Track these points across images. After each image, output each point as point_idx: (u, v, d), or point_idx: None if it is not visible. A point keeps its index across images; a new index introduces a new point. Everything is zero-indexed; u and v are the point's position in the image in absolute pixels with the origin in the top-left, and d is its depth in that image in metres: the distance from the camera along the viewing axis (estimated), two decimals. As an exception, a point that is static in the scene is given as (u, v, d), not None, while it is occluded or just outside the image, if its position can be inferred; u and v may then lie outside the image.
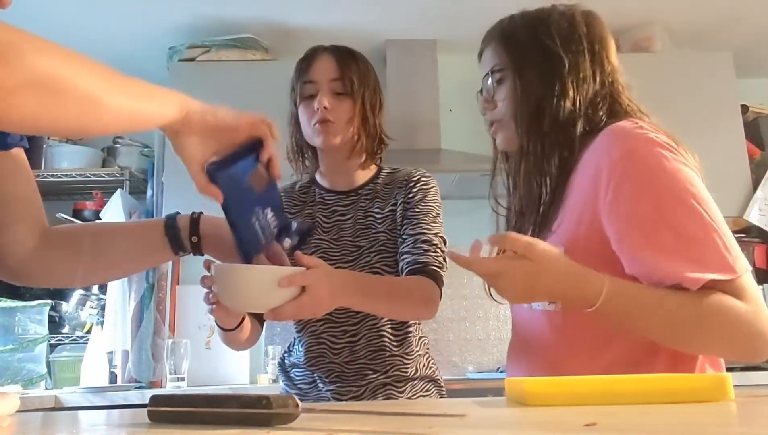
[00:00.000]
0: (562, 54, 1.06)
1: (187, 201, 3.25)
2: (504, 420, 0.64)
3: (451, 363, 3.06)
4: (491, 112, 1.15)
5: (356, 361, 1.32)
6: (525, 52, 1.09)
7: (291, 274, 0.98)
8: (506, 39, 1.12)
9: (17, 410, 0.72)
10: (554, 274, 0.88)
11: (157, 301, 2.92)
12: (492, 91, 1.14)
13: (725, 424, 0.56)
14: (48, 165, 3.03)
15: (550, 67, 1.06)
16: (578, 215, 1.01)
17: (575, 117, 1.05)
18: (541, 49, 1.07)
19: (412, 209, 1.36)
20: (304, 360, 1.36)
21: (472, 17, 3.25)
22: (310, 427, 0.56)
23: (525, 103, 1.08)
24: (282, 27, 3.03)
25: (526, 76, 1.08)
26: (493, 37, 1.15)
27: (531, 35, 1.09)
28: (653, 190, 0.93)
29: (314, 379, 1.36)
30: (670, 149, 0.97)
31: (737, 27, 3.12)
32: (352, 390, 1.32)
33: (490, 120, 1.16)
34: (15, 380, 2.62)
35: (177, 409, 0.62)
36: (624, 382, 0.73)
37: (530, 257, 0.87)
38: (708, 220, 0.90)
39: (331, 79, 1.34)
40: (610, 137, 1.00)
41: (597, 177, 0.98)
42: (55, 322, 2.93)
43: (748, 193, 2.95)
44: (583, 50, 1.07)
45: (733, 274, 0.87)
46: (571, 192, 1.04)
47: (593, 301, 0.87)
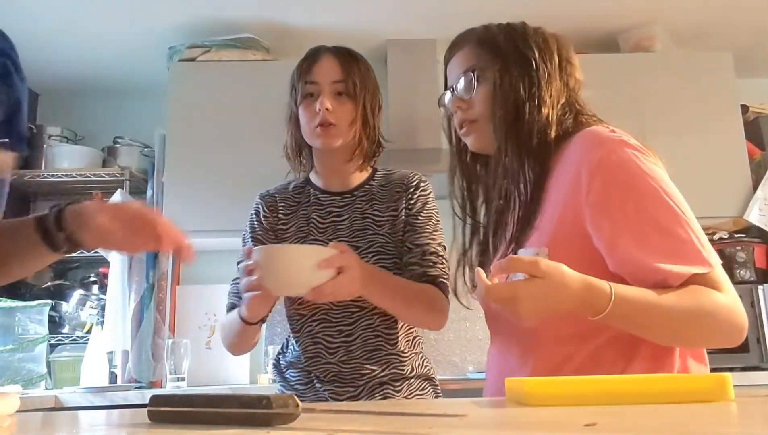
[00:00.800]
0: (540, 64, 1.10)
1: (188, 201, 3.24)
2: (504, 420, 0.64)
3: (452, 363, 3.06)
4: (464, 111, 1.16)
5: (352, 360, 1.32)
6: (506, 55, 1.12)
7: (329, 255, 1.08)
8: (486, 42, 1.15)
9: (17, 410, 0.72)
10: (566, 288, 0.88)
11: (157, 301, 2.92)
12: (468, 90, 1.15)
13: (725, 424, 0.56)
14: (48, 165, 3.03)
15: (528, 74, 1.10)
16: (558, 216, 1.03)
17: (549, 122, 1.08)
18: (521, 56, 1.11)
19: (415, 217, 1.38)
20: (300, 360, 1.37)
21: (473, 17, 3.23)
22: (310, 427, 0.56)
23: (504, 104, 1.10)
24: (282, 27, 3.03)
25: (506, 77, 1.11)
26: (467, 40, 1.18)
27: (511, 42, 1.13)
28: (635, 191, 0.97)
29: (311, 379, 1.35)
30: (642, 151, 1.01)
31: (737, 27, 3.12)
32: (349, 390, 1.32)
33: (462, 119, 1.17)
34: (15, 380, 2.62)
35: (177, 409, 0.62)
36: (624, 383, 0.73)
37: (539, 275, 0.87)
38: (683, 217, 0.95)
39: (333, 81, 1.34)
40: (587, 140, 1.04)
41: (576, 178, 1.01)
42: (55, 322, 2.93)
43: (748, 193, 2.95)
44: (556, 65, 1.12)
45: (710, 268, 0.93)
46: (550, 193, 1.06)
47: (603, 308, 0.88)
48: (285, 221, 1.42)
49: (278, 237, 1.41)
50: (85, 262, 3.12)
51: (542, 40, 1.14)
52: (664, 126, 2.90)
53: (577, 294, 0.88)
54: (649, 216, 0.95)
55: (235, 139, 2.90)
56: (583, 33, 3.10)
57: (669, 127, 2.93)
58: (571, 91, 1.13)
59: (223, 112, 2.92)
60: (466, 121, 1.16)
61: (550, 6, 2.87)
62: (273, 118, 3.02)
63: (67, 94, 3.35)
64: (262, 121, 2.92)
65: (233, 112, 2.93)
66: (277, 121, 3.36)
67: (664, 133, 2.75)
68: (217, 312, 2.99)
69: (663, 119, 2.94)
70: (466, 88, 1.15)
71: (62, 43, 2.97)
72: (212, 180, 2.84)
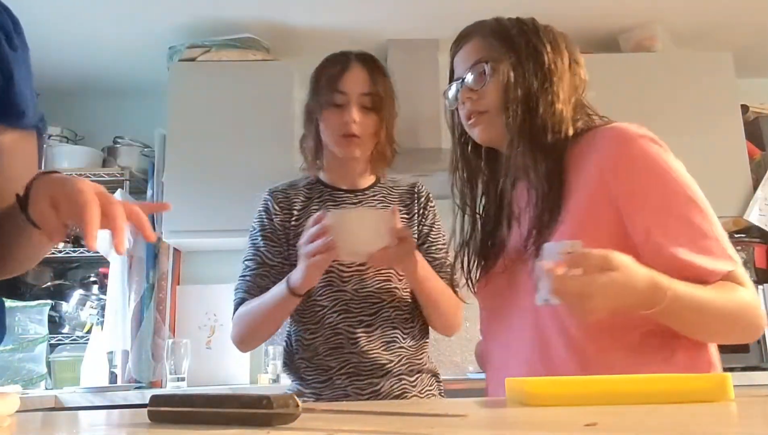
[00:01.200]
0: (552, 60, 1.10)
1: (188, 201, 3.24)
2: (505, 420, 0.64)
3: (452, 363, 3.06)
4: (474, 102, 1.14)
5: (372, 351, 1.36)
6: (519, 48, 1.11)
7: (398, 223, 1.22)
8: (498, 34, 1.14)
9: (17, 410, 0.72)
10: (635, 282, 0.86)
11: (157, 301, 2.92)
12: (479, 81, 1.13)
13: (725, 424, 0.56)
14: (48, 165, 3.03)
15: (542, 69, 1.10)
16: (586, 210, 1.02)
17: (564, 118, 1.08)
18: (534, 50, 1.11)
19: (429, 229, 1.48)
20: (317, 353, 1.38)
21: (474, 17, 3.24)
22: (310, 427, 0.56)
23: (517, 95, 1.09)
24: (282, 27, 3.03)
25: (519, 70, 1.10)
26: (477, 32, 1.17)
27: (523, 36, 1.12)
28: (667, 187, 0.99)
29: (329, 375, 1.36)
30: (666, 149, 1.04)
31: (737, 27, 3.12)
32: (373, 382, 1.35)
33: (471, 110, 1.15)
34: (15, 380, 2.63)
35: (177, 409, 0.62)
36: (624, 383, 0.73)
37: (613, 268, 0.84)
38: (708, 214, 0.98)
39: (361, 93, 1.38)
40: (616, 134, 1.04)
41: (606, 172, 1.01)
42: (55, 322, 2.93)
43: (748, 193, 2.95)
44: (566, 63, 1.12)
45: (735, 265, 0.96)
46: (573, 187, 1.05)
47: (659, 303, 0.87)
48: (298, 217, 1.44)
49: (290, 233, 1.43)
50: (85, 262, 3.12)
51: (552, 37, 1.13)
52: (664, 126, 2.86)
53: (643, 289, 0.86)
54: (681, 212, 0.97)
55: (235, 139, 2.90)
56: (584, 33, 3.10)
57: (669, 126, 2.89)
58: (577, 90, 1.14)
59: (223, 112, 2.92)
60: (475, 112, 1.14)
61: (551, 6, 2.86)
62: (273, 118, 3.04)
63: (67, 94, 3.34)
64: (262, 121, 2.93)
65: (233, 112, 2.92)
66: (277, 121, 3.36)
67: (664, 133, 2.71)
68: (218, 312, 2.99)
69: (663, 119, 2.93)
70: (476, 79, 1.13)
71: (62, 43, 2.97)
72: (212, 180, 2.84)
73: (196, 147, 2.88)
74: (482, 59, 1.13)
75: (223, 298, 2.99)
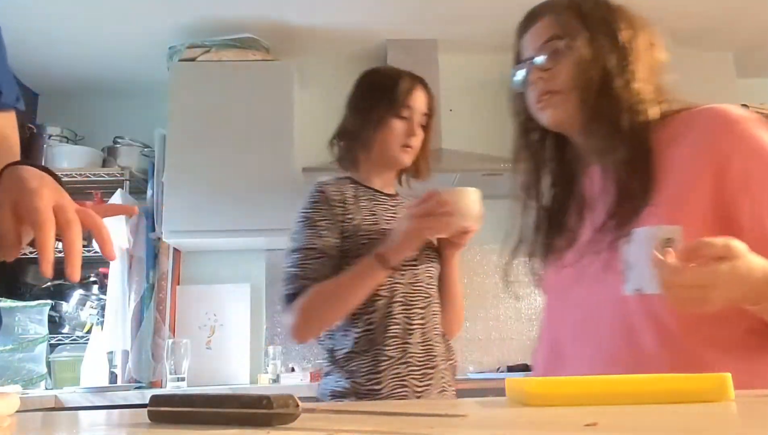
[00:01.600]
0: (628, 39, 1.05)
1: (187, 201, 3.24)
2: (505, 420, 0.64)
3: (452, 363, 3.05)
4: (546, 82, 1.07)
5: (426, 342, 1.46)
6: (594, 26, 1.05)
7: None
8: (573, 10, 1.07)
9: (17, 410, 0.71)
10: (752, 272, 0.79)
11: (157, 301, 2.93)
12: (553, 60, 1.07)
13: (725, 424, 0.56)
14: (48, 164, 3.03)
15: (617, 47, 1.04)
16: (679, 194, 0.96)
17: (643, 99, 1.03)
18: (609, 28, 1.05)
19: None
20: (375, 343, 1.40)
21: (473, 17, 3.25)
22: (310, 427, 0.56)
23: (593, 73, 1.03)
24: (282, 27, 3.03)
25: (596, 45, 1.04)
26: (549, 11, 1.10)
27: (598, 13, 1.07)
28: None
29: (382, 367, 1.39)
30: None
31: (737, 27, 3.12)
32: (426, 374, 1.43)
33: (543, 90, 1.07)
34: (15, 380, 2.63)
35: (177, 409, 0.62)
36: (624, 383, 0.73)
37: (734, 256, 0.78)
38: None
39: (423, 113, 1.54)
40: (719, 115, 0.98)
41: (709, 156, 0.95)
42: (55, 322, 2.93)
43: (748, 193, 2.95)
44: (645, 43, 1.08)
45: None
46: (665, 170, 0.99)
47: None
48: (349, 211, 1.47)
49: (343, 227, 1.46)
50: (85, 262, 3.10)
51: (629, 15, 1.07)
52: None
53: (758, 280, 0.79)
54: None
55: (235, 139, 2.90)
56: (583, 33, 3.10)
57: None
58: (656, 72, 1.08)
59: (223, 112, 2.92)
60: (548, 92, 1.07)
61: (550, 6, 2.87)
62: (273, 118, 3.04)
63: (67, 94, 3.35)
64: (262, 121, 2.93)
65: (233, 112, 2.93)
66: (276, 121, 3.36)
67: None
68: (217, 312, 2.99)
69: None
70: (550, 57, 1.06)
71: (62, 43, 2.97)
72: (212, 180, 2.84)
73: (196, 147, 2.88)
74: (554, 36, 1.07)
75: (223, 298, 2.99)
